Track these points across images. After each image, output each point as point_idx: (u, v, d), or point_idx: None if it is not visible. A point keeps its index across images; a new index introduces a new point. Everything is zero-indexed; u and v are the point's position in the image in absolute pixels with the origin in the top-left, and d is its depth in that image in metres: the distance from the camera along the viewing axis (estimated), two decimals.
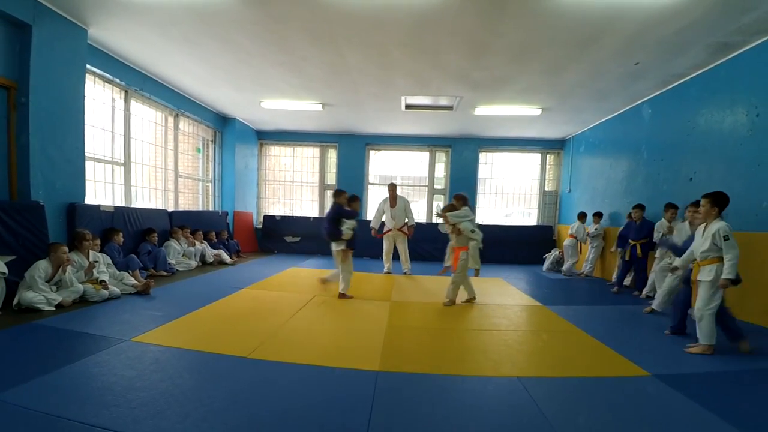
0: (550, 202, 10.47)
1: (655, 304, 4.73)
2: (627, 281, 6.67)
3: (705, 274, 3.35)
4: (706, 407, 2.36)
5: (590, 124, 8.54)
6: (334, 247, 4.96)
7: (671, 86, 5.94)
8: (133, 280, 4.89)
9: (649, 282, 5.68)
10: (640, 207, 6.06)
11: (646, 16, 4.06)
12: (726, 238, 3.22)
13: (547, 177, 10.49)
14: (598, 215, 7.67)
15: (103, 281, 4.47)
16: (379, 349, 3.18)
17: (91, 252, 4.63)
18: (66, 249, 4.14)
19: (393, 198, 7.12)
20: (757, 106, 4.40)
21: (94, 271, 4.49)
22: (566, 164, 9.97)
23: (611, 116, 7.76)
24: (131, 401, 2.18)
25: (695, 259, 3.52)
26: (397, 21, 4.45)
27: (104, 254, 4.95)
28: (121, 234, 5.46)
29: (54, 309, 3.83)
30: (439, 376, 2.73)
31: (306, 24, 4.64)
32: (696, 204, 4.23)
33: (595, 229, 7.62)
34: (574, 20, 4.23)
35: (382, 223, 7.32)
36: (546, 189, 10.50)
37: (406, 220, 7.09)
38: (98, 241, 5.06)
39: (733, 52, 4.70)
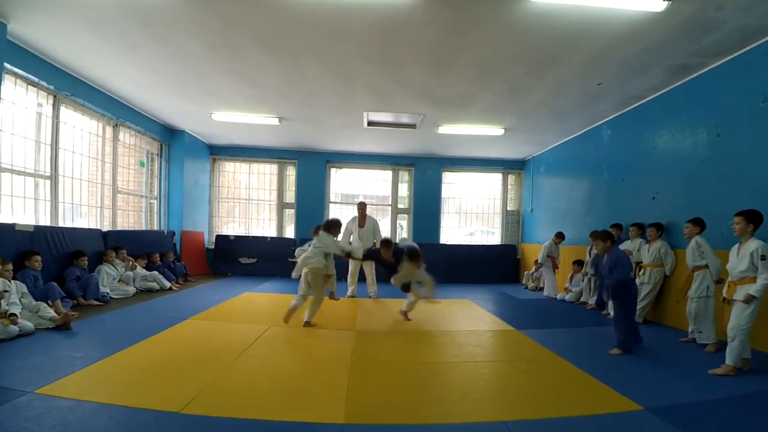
0: (513, 221, 10.49)
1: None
2: (587, 298, 6.62)
3: (742, 294, 3.24)
4: None
5: (550, 145, 8.66)
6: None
7: (629, 108, 6.06)
8: (51, 312, 4.14)
9: (691, 314, 4.22)
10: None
11: (613, 34, 4.03)
12: (763, 258, 3.13)
13: (509, 197, 10.55)
14: (559, 236, 7.55)
15: (13, 314, 3.72)
16: (344, 395, 2.71)
17: (0, 280, 3.87)
18: None
19: (362, 218, 6.76)
20: (717, 126, 4.48)
21: (3, 302, 3.73)
22: (527, 184, 10.06)
23: (571, 137, 7.88)
24: None
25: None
26: (358, 30, 4.18)
27: (18, 282, 4.20)
28: (38, 257, 4.69)
29: None
30: (415, 427, 2.31)
31: (258, 29, 4.27)
32: (593, 235, 4.30)
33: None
34: (540, 35, 4.13)
35: None
36: (508, 208, 10.53)
37: (375, 242, 6.70)
38: (10, 267, 4.26)
39: (692, 74, 4.81)
